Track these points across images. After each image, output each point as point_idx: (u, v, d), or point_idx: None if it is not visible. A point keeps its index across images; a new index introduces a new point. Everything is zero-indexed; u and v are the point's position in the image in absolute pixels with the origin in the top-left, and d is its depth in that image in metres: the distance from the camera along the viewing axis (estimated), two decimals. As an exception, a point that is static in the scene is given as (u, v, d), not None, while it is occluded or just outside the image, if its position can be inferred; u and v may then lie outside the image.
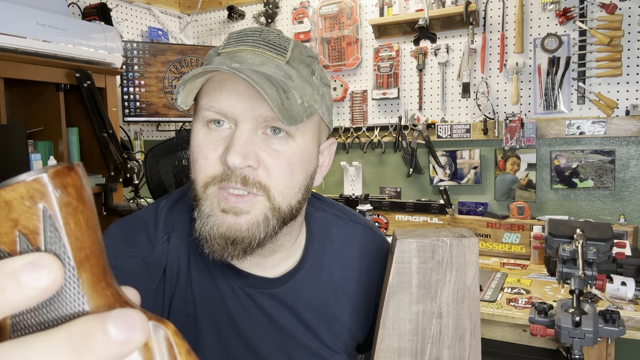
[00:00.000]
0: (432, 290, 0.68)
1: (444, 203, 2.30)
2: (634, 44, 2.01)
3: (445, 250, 0.68)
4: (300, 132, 0.62)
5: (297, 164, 0.62)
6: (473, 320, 0.68)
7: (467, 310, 0.68)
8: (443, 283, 0.68)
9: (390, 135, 2.47)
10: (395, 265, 0.68)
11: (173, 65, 2.44)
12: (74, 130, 1.91)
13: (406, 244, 0.68)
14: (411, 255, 0.68)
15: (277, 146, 0.61)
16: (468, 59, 2.27)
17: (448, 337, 0.68)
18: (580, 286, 1.27)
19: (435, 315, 0.68)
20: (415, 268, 0.68)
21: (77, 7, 2.20)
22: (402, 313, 0.68)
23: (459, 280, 0.68)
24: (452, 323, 0.68)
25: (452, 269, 0.68)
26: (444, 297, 0.68)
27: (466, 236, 0.69)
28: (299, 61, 0.64)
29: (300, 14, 2.63)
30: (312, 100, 0.63)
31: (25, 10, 1.60)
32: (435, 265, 0.68)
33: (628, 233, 1.98)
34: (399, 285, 0.69)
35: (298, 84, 0.61)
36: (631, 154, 2.05)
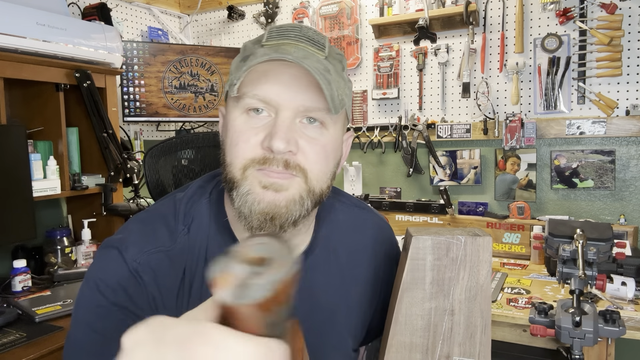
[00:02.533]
0: (445, 288, 0.69)
1: (444, 203, 2.30)
2: (634, 44, 2.01)
3: (459, 248, 0.69)
4: (333, 122, 0.67)
5: (330, 151, 0.67)
6: (484, 318, 0.69)
7: (479, 308, 0.69)
8: (456, 280, 0.69)
9: (390, 135, 2.47)
10: (410, 262, 0.69)
11: (173, 65, 2.44)
12: (74, 130, 1.91)
13: (421, 241, 0.69)
14: (426, 252, 0.69)
15: (313, 134, 0.65)
16: (468, 59, 2.27)
17: (459, 334, 0.69)
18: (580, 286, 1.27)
19: (448, 312, 0.69)
20: (429, 265, 0.69)
21: (77, 7, 2.20)
22: (415, 309, 0.69)
23: (472, 278, 0.69)
24: (464, 320, 0.69)
25: (466, 266, 0.69)
26: (457, 294, 0.69)
27: (480, 235, 0.70)
28: (334, 57, 0.68)
29: (300, 14, 2.63)
30: (343, 94, 0.66)
31: (25, 10, 1.60)
32: (449, 263, 0.69)
33: (628, 233, 1.98)
34: (413, 281, 0.69)
35: (335, 78, 0.65)
36: (631, 154, 2.05)
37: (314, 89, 0.63)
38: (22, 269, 1.67)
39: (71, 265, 1.87)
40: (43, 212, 1.98)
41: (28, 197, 1.62)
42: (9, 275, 1.68)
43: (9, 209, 1.57)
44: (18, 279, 1.66)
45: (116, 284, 0.65)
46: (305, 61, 0.61)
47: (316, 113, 0.64)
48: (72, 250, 1.89)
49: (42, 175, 1.73)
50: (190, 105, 2.50)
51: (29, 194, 1.62)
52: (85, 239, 1.91)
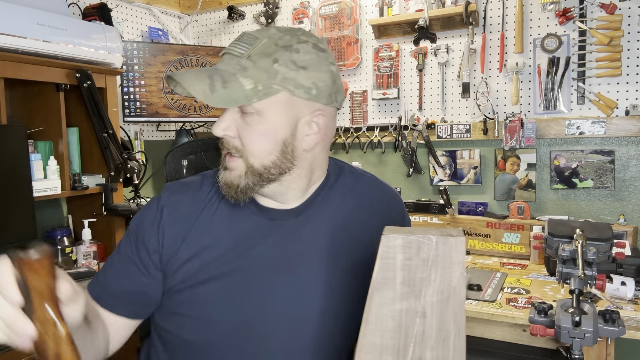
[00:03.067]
0: (417, 289, 0.66)
1: (444, 203, 2.30)
2: (634, 44, 2.01)
3: (431, 248, 0.67)
4: (267, 109, 0.80)
5: (266, 133, 0.81)
6: (458, 322, 0.65)
7: (452, 311, 0.66)
8: (428, 282, 0.66)
9: (390, 135, 2.47)
10: (380, 261, 0.67)
11: (173, 65, 2.44)
12: (74, 130, 1.91)
13: (391, 240, 0.67)
14: (396, 251, 0.67)
15: (250, 121, 0.81)
16: (468, 59, 2.28)
17: (431, 338, 0.65)
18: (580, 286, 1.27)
19: (419, 314, 0.66)
20: (399, 264, 0.67)
21: (77, 7, 2.20)
22: (385, 309, 0.66)
23: (444, 280, 0.66)
24: (436, 323, 0.65)
25: (438, 268, 0.66)
26: (429, 296, 0.66)
27: (453, 235, 0.67)
28: (262, 54, 0.80)
29: (300, 14, 2.63)
30: (269, 83, 0.79)
31: (25, 10, 1.60)
32: (420, 263, 0.67)
33: (628, 233, 1.98)
34: (383, 281, 0.67)
35: (252, 73, 0.79)
36: (631, 154, 2.05)
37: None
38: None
39: (71, 265, 1.87)
40: (43, 212, 1.98)
41: (28, 197, 1.62)
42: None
43: (9, 209, 1.57)
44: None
45: (140, 223, 0.88)
46: (222, 65, 0.81)
47: (243, 106, 0.80)
48: (73, 250, 1.89)
49: (43, 175, 1.73)
50: (191, 105, 2.50)
51: (29, 194, 1.62)
52: (85, 238, 1.91)
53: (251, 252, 0.85)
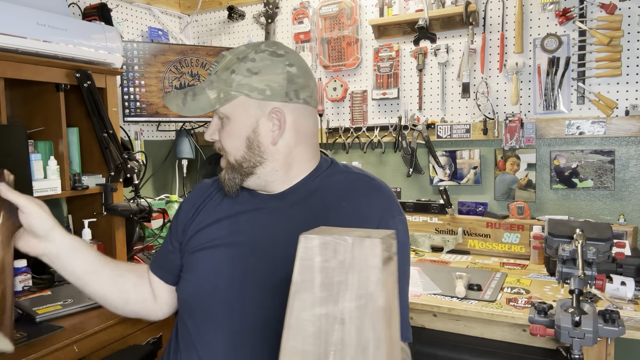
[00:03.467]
0: (334, 293, 0.63)
1: (443, 203, 2.30)
2: (634, 44, 2.01)
3: (347, 250, 0.63)
4: (233, 113, 0.96)
5: (233, 133, 0.97)
6: (377, 331, 0.61)
7: (370, 319, 0.62)
8: (345, 286, 0.63)
9: (390, 135, 2.47)
10: (299, 262, 0.65)
11: (173, 65, 2.45)
12: (74, 130, 1.91)
13: (309, 240, 0.65)
14: (314, 252, 0.64)
15: (223, 125, 0.99)
16: (468, 59, 2.28)
17: (351, 347, 0.62)
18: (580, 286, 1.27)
19: (338, 320, 0.63)
20: (317, 267, 0.64)
21: (77, 7, 2.20)
22: (306, 314, 0.64)
23: (361, 285, 0.62)
24: (355, 331, 0.62)
25: (355, 271, 0.62)
26: (347, 301, 0.63)
27: (369, 237, 0.63)
28: (224, 68, 0.97)
29: (300, 14, 2.63)
30: (227, 90, 0.95)
31: (25, 10, 1.60)
32: (337, 266, 0.63)
33: (628, 233, 1.98)
34: (303, 283, 0.65)
35: (216, 85, 0.96)
36: (631, 154, 2.05)
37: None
38: (22, 269, 1.67)
39: (71, 265, 1.87)
40: (43, 212, 1.98)
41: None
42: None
43: (9, 209, 1.57)
44: (18, 279, 1.66)
45: (179, 205, 1.21)
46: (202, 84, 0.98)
47: (215, 115, 1.00)
48: (73, 250, 1.89)
49: (43, 175, 1.73)
50: (191, 105, 2.50)
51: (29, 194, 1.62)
52: (85, 238, 1.91)
53: (238, 229, 0.99)
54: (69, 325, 1.40)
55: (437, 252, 2.30)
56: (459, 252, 2.27)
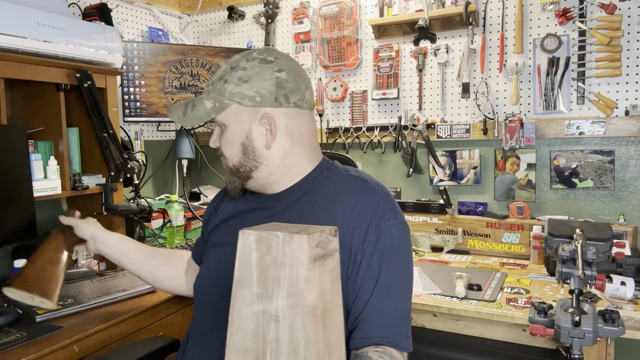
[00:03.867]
0: (269, 290, 0.63)
1: (443, 203, 2.30)
2: (634, 44, 2.01)
3: (278, 246, 0.63)
4: (229, 121, 1.02)
5: (230, 140, 1.04)
6: (306, 331, 0.60)
7: (300, 318, 0.61)
8: (278, 283, 0.62)
9: (390, 135, 2.47)
10: (239, 258, 0.65)
11: (173, 65, 2.45)
12: (74, 130, 1.91)
13: (246, 236, 0.65)
14: (251, 248, 0.64)
15: (222, 132, 1.05)
16: (468, 59, 2.28)
17: (285, 345, 0.61)
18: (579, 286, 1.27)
19: (273, 318, 0.62)
20: (254, 263, 0.64)
21: (77, 7, 2.20)
22: (245, 310, 0.64)
23: (292, 282, 0.62)
24: (288, 330, 0.61)
25: (286, 268, 0.62)
26: (280, 298, 0.62)
27: (297, 233, 0.63)
28: (218, 78, 1.03)
29: (300, 14, 2.63)
30: (221, 100, 1.01)
31: (25, 10, 1.60)
32: (271, 262, 0.63)
33: (627, 233, 1.98)
34: (242, 279, 0.65)
35: (212, 95, 1.02)
36: (631, 154, 2.05)
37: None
38: (22, 269, 1.67)
39: (72, 265, 1.88)
40: (43, 212, 1.98)
41: (28, 197, 1.62)
42: (10, 274, 1.68)
43: (9, 209, 1.57)
44: (19, 279, 1.66)
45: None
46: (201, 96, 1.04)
47: (214, 125, 1.06)
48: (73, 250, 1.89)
49: (43, 175, 1.73)
50: (191, 105, 2.50)
51: (29, 194, 1.62)
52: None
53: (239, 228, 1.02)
54: (69, 325, 1.40)
55: (437, 252, 2.30)
56: (459, 252, 2.27)
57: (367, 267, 0.94)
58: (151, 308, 1.57)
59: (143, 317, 1.55)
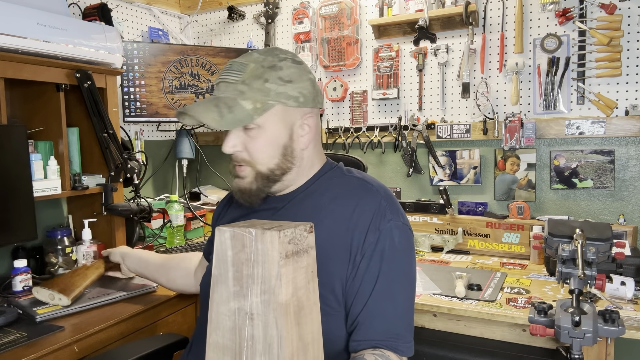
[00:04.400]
0: (244, 287, 0.63)
1: (443, 203, 2.30)
2: (634, 44, 2.01)
3: (252, 242, 0.62)
4: (267, 122, 0.96)
5: (268, 142, 0.97)
6: (279, 328, 0.60)
7: (273, 315, 0.61)
8: (252, 280, 0.62)
9: (390, 135, 2.47)
10: (216, 256, 0.65)
11: (173, 65, 2.45)
12: (75, 130, 1.91)
13: (222, 233, 0.65)
14: (227, 245, 0.64)
15: (252, 135, 0.97)
16: (468, 59, 2.28)
17: (260, 343, 0.61)
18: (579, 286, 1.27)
19: (248, 315, 0.62)
20: (230, 260, 0.64)
21: (77, 8, 2.20)
22: (223, 308, 0.64)
23: (265, 279, 0.61)
24: (262, 327, 0.61)
25: (259, 265, 0.62)
26: (254, 296, 0.62)
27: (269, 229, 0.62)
28: (254, 77, 0.95)
29: (300, 14, 2.63)
30: (264, 100, 0.94)
31: (25, 10, 1.60)
32: (245, 259, 0.63)
33: (627, 233, 1.98)
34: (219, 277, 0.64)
35: (249, 95, 0.94)
36: (630, 154, 2.05)
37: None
38: (22, 269, 1.67)
39: (72, 265, 1.88)
40: (44, 212, 1.98)
41: (29, 197, 1.62)
42: (10, 275, 1.68)
43: (9, 209, 1.57)
44: (19, 279, 1.66)
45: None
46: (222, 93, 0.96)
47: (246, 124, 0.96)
48: (73, 250, 1.89)
49: (43, 175, 1.73)
50: (191, 105, 2.50)
51: (29, 194, 1.62)
52: (85, 238, 1.91)
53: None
54: (69, 325, 1.40)
55: (437, 252, 2.30)
56: (459, 252, 2.27)
57: (367, 268, 0.94)
58: (151, 308, 1.57)
59: (143, 317, 1.55)
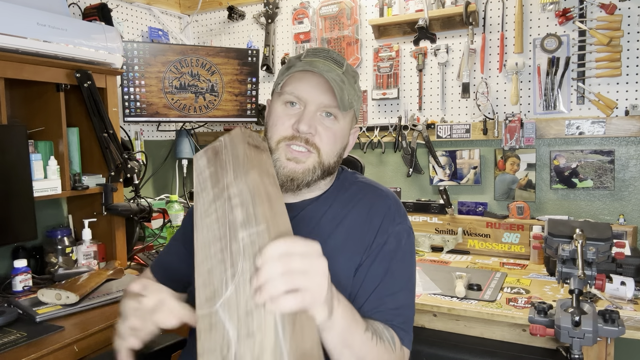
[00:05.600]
0: (221, 182, 0.74)
1: (443, 203, 2.30)
2: (634, 44, 2.01)
3: (221, 147, 0.76)
4: (343, 117, 0.97)
5: (339, 137, 0.98)
6: (251, 190, 0.71)
7: (246, 185, 0.72)
8: (226, 171, 0.74)
9: (390, 135, 2.47)
10: (196, 177, 0.78)
11: (173, 65, 2.45)
12: (75, 130, 1.91)
13: (198, 158, 0.79)
14: (202, 162, 0.77)
15: (328, 124, 0.96)
16: (468, 59, 2.28)
17: (238, 207, 0.70)
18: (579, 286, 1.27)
19: (227, 200, 0.72)
20: (208, 174, 0.77)
21: (77, 8, 2.20)
22: (207, 208, 0.74)
23: (236, 164, 0.74)
24: (239, 200, 0.71)
25: (231, 162, 0.75)
26: (229, 178, 0.73)
27: (234, 129, 0.80)
28: (349, 73, 0.99)
29: (300, 14, 2.63)
30: (352, 99, 0.97)
31: (25, 10, 1.60)
32: (219, 166, 0.76)
33: (627, 233, 1.98)
34: (200, 188, 0.75)
35: (347, 87, 0.95)
36: (630, 154, 2.05)
37: (331, 93, 0.93)
38: (22, 269, 1.67)
39: (72, 265, 1.88)
40: (44, 212, 1.98)
41: (29, 197, 1.62)
42: (10, 275, 1.68)
43: (9, 209, 1.57)
44: (19, 279, 1.66)
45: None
46: (327, 73, 0.92)
47: (331, 109, 0.95)
48: (73, 250, 1.89)
49: (43, 175, 1.73)
50: (191, 105, 2.50)
51: (29, 194, 1.62)
52: (85, 238, 1.91)
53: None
54: (69, 325, 1.40)
55: (437, 252, 2.30)
56: (458, 252, 2.27)
57: (371, 265, 0.96)
58: (151, 308, 1.57)
59: (143, 317, 1.54)
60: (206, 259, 0.69)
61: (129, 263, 2.06)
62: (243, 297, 0.63)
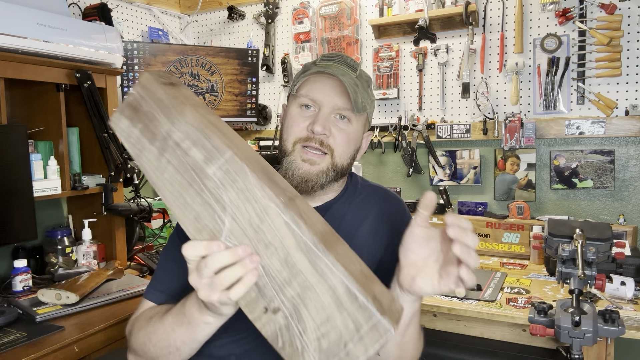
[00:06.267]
0: (156, 134, 0.71)
1: (443, 203, 2.30)
2: (634, 44, 2.01)
3: (142, 99, 0.74)
4: (356, 120, 0.99)
5: (352, 139, 0.99)
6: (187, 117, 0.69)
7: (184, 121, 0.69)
8: (158, 122, 0.71)
9: (390, 135, 2.47)
10: (126, 143, 0.74)
11: (173, 65, 2.45)
12: (75, 130, 1.91)
13: (116, 123, 0.76)
14: (123, 125, 0.74)
15: (342, 126, 0.97)
16: (468, 59, 2.28)
17: (192, 150, 0.68)
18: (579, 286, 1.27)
19: (174, 145, 0.69)
20: (137, 132, 0.73)
21: (77, 8, 2.20)
22: (165, 174, 0.70)
23: (159, 108, 0.72)
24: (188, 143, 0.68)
25: (160, 108, 0.72)
26: (164, 130, 0.70)
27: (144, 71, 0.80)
28: (363, 78, 1.01)
29: (300, 14, 2.63)
30: (365, 102, 0.99)
31: (25, 10, 1.60)
32: (143, 116, 0.73)
33: (627, 233, 1.98)
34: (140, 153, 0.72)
35: (360, 91, 0.97)
36: (630, 154, 2.05)
37: (345, 96, 0.96)
38: (22, 269, 1.67)
39: (72, 265, 1.88)
40: (44, 212, 1.98)
41: (29, 197, 1.62)
42: (10, 275, 1.68)
43: (9, 209, 1.57)
44: (19, 279, 1.66)
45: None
46: (341, 76, 0.94)
47: (345, 112, 0.96)
48: (73, 250, 1.89)
49: (43, 175, 1.73)
50: (191, 105, 2.50)
51: (29, 194, 1.62)
52: (85, 238, 1.91)
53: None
54: (69, 325, 1.40)
55: (437, 252, 2.30)
56: (458, 252, 2.27)
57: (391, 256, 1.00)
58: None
59: (143, 317, 1.55)
60: (185, 209, 0.69)
61: (129, 263, 2.06)
62: (244, 220, 0.65)
